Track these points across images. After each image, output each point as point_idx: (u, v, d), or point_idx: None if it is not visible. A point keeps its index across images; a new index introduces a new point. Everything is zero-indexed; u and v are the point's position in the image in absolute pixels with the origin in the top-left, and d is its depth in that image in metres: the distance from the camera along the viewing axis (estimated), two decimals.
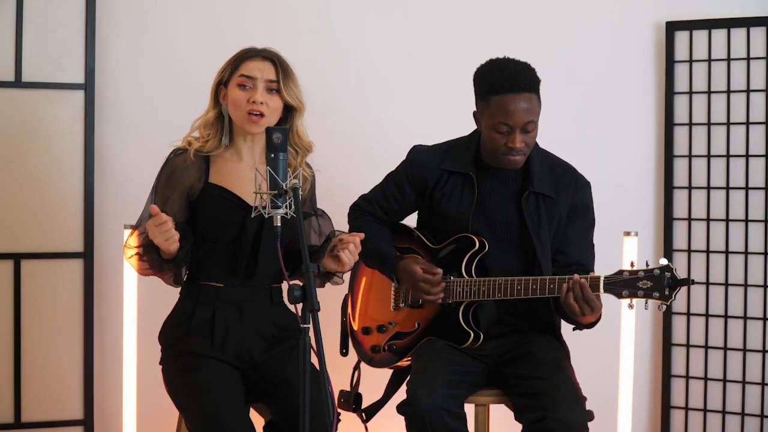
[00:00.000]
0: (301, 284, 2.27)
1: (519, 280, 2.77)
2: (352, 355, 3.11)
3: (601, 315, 2.79)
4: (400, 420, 2.74)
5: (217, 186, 2.80)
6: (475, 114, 2.86)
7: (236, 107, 2.78)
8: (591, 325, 2.82)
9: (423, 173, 2.94)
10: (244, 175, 2.82)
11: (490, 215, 2.88)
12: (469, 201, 2.88)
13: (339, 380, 3.00)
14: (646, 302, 2.64)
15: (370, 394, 3.06)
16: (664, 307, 2.62)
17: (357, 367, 3.09)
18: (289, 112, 2.85)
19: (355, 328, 3.09)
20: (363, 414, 3.03)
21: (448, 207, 2.90)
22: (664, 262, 2.61)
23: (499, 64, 2.80)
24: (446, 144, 2.99)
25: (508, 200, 2.88)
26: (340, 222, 3.11)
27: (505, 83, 2.73)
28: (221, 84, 2.81)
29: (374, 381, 3.09)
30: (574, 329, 2.88)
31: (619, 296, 2.65)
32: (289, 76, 2.82)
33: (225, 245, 2.77)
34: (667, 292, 2.60)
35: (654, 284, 2.61)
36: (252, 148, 2.85)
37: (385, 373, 3.08)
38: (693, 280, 2.69)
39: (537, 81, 2.78)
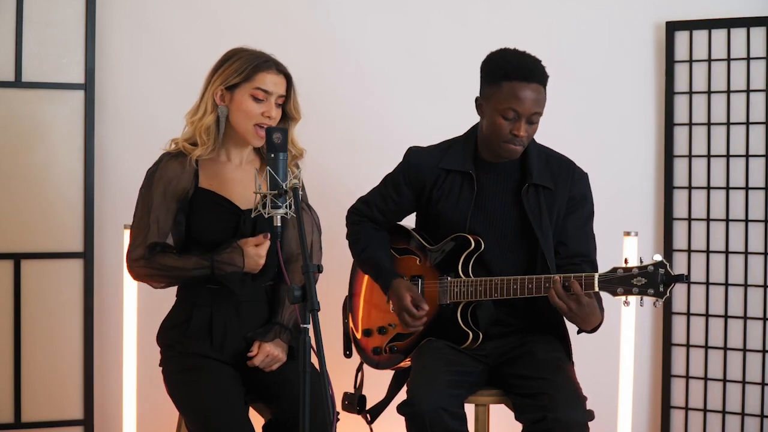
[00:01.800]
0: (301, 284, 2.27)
1: (515, 279, 2.77)
2: (355, 357, 3.11)
3: (602, 320, 2.78)
4: (401, 419, 2.74)
5: (208, 191, 2.78)
6: (477, 99, 2.86)
7: (247, 117, 2.75)
8: (593, 330, 2.81)
9: (420, 174, 2.94)
10: (234, 177, 2.81)
11: (490, 212, 2.88)
12: (467, 199, 2.88)
13: (342, 382, 3.01)
14: (641, 299, 2.62)
15: (372, 395, 3.06)
16: (660, 303, 2.60)
17: (360, 369, 3.10)
18: (285, 119, 2.84)
19: (357, 330, 3.09)
20: (368, 415, 3.03)
21: (446, 206, 2.90)
22: (658, 258, 2.60)
23: (513, 51, 2.82)
24: (443, 144, 2.99)
25: (508, 195, 2.88)
26: (338, 221, 3.12)
27: (520, 70, 2.75)
28: (224, 87, 2.77)
29: (376, 382, 3.09)
30: (578, 332, 2.87)
31: (614, 294, 2.64)
32: (295, 91, 2.82)
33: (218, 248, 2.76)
34: (661, 289, 2.58)
35: (648, 281, 2.60)
36: (241, 150, 2.84)
37: (387, 374, 3.08)
38: (687, 276, 2.67)
39: (546, 76, 2.80)
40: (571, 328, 2.90)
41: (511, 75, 2.75)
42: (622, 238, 3.42)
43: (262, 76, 2.75)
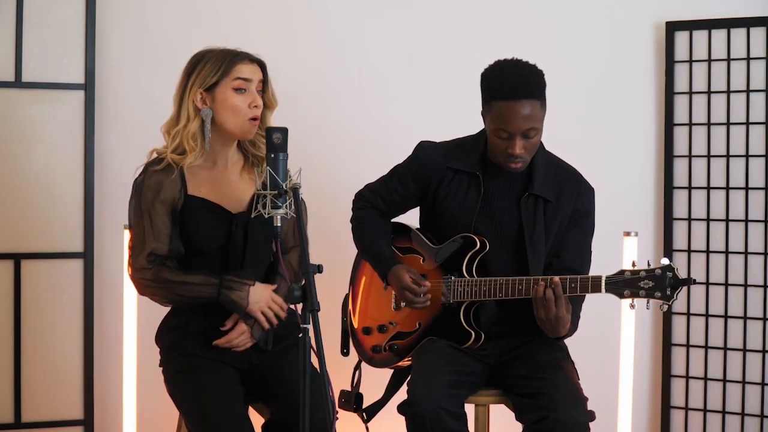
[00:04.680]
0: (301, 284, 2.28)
1: (520, 280, 2.77)
2: (353, 355, 3.11)
3: (567, 333, 2.80)
4: (401, 420, 2.74)
5: (198, 198, 2.76)
6: (482, 113, 2.86)
7: (236, 113, 2.73)
8: (557, 339, 2.83)
9: (427, 170, 2.94)
10: (221, 181, 2.79)
11: (494, 215, 2.88)
12: (474, 200, 2.88)
13: (340, 380, 3.01)
14: (648, 302, 2.63)
15: (370, 394, 3.06)
16: (666, 307, 2.62)
17: (358, 367, 3.10)
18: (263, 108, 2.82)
19: (356, 327, 3.09)
20: (364, 414, 3.03)
21: (452, 205, 2.90)
22: (665, 261, 2.61)
23: (504, 67, 2.78)
24: (453, 142, 2.99)
25: (511, 201, 2.88)
26: (338, 220, 3.12)
27: (506, 89, 2.71)
28: (203, 89, 2.73)
29: (375, 381, 3.09)
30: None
31: (621, 296, 2.65)
32: (269, 77, 2.81)
33: (213, 254, 2.76)
34: (668, 292, 2.59)
35: (656, 284, 2.61)
36: (226, 152, 2.81)
37: (386, 373, 3.08)
38: (694, 280, 2.68)
39: (541, 86, 2.76)
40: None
41: (499, 94, 2.73)
42: (622, 238, 3.42)
43: (240, 67, 2.73)
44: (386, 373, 3.08)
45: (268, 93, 2.80)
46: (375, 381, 3.09)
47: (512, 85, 2.71)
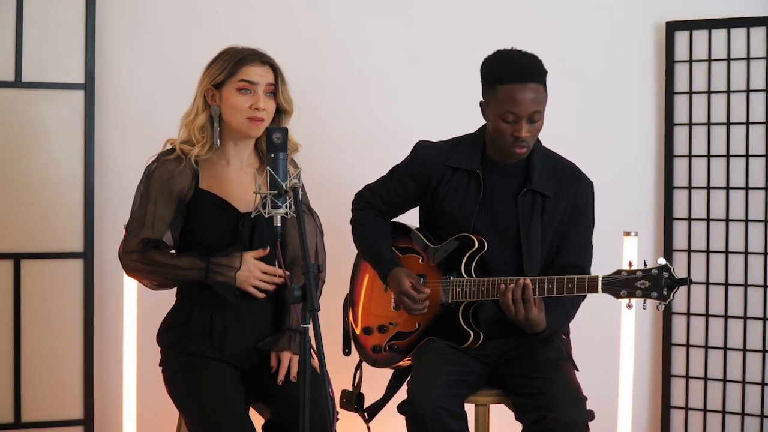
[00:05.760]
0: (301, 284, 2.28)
1: (512, 279, 2.76)
2: (354, 355, 3.11)
3: (545, 331, 2.79)
4: (401, 420, 2.74)
5: (208, 192, 2.78)
6: (481, 104, 2.86)
7: (236, 112, 2.75)
8: (536, 334, 2.82)
9: (426, 169, 2.94)
10: (232, 180, 2.81)
11: (494, 213, 2.89)
12: (474, 198, 2.88)
13: (341, 380, 3.01)
14: (645, 302, 2.63)
15: (371, 394, 3.06)
16: (662, 307, 2.62)
17: (359, 367, 3.10)
18: (278, 113, 2.84)
19: (357, 328, 3.09)
20: (365, 413, 3.03)
21: (452, 204, 2.91)
22: (662, 261, 2.61)
23: (506, 53, 2.82)
24: (452, 141, 2.99)
25: (510, 198, 2.88)
26: (339, 220, 3.12)
27: (513, 73, 2.75)
28: (212, 85, 2.78)
29: (375, 380, 3.10)
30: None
31: (617, 296, 2.65)
32: (284, 81, 2.82)
33: (217, 252, 2.76)
34: (665, 292, 2.60)
35: (652, 284, 2.61)
36: (240, 152, 2.83)
37: (387, 373, 3.08)
38: (691, 280, 2.69)
39: (544, 72, 2.80)
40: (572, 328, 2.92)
41: (505, 78, 2.75)
42: (622, 238, 3.42)
43: (246, 69, 2.75)
44: (387, 373, 3.08)
45: (279, 96, 2.80)
46: (375, 381, 3.10)
47: (520, 69, 2.76)
